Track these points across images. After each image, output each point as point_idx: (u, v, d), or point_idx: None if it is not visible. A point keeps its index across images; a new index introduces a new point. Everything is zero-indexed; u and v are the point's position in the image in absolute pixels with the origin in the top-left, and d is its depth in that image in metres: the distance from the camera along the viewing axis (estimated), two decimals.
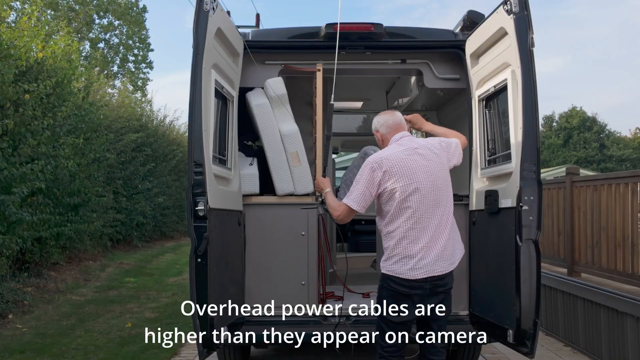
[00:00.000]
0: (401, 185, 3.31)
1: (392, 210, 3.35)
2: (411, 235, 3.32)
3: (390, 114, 3.63)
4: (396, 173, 3.33)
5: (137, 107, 17.21)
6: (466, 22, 4.43)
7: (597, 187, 6.05)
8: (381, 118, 3.62)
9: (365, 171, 3.39)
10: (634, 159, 45.36)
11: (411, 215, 3.32)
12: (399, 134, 3.53)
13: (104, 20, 31.46)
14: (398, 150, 3.42)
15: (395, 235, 3.36)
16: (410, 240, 3.32)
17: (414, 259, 3.30)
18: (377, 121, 3.65)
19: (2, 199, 6.85)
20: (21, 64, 7.83)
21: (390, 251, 3.38)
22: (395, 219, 3.35)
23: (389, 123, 3.57)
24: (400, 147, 3.44)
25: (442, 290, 3.39)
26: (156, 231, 16.50)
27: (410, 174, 3.33)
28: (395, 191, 3.32)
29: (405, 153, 3.40)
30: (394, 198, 3.33)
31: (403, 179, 3.32)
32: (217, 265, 3.58)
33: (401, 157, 3.38)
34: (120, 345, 6.01)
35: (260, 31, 4.77)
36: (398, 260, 3.34)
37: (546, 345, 6.10)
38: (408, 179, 3.32)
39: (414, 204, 3.31)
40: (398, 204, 3.32)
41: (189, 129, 3.48)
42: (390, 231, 3.38)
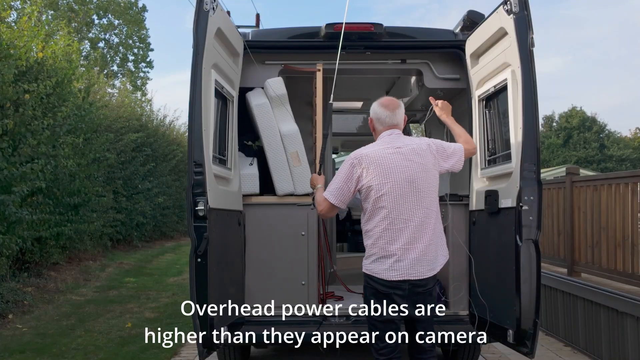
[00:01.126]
0: (376, 183, 3.25)
1: (369, 207, 3.29)
2: (387, 235, 3.24)
3: (390, 110, 3.44)
4: (373, 170, 3.27)
5: (137, 107, 17.21)
6: (466, 22, 4.43)
7: (597, 187, 6.05)
8: (379, 111, 3.46)
9: (345, 166, 3.35)
10: (633, 159, 45.34)
11: (386, 215, 3.24)
12: (389, 131, 3.43)
13: (103, 20, 31.48)
14: (380, 147, 3.36)
15: (372, 234, 3.29)
16: (386, 240, 3.25)
17: (390, 259, 3.23)
18: (374, 111, 3.50)
19: (2, 199, 6.85)
20: (21, 64, 7.83)
21: (369, 250, 3.32)
22: (372, 218, 3.29)
23: (385, 121, 3.44)
24: (384, 144, 3.37)
25: (421, 290, 3.30)
26: (156, 231, 16.49)
27: (386, 172, 3.26)
28: (371, 189, 3.26)
29: (387, 151, 3.32)
30: (370, 196, 3.28)
31: (379, 177, 3.25)
32: (217, 265, 3.58)
33: (381, 154, 3.31)
34: (120, 345, 6.01)
35: (260, 31, 4.77)
36: (375, 260, 3.27)
37: (546, 345, 6.10)
38: (383, 177, 3.25)
39: (388, 203, 3.24)
40: (373, 202, 3.27)
41: (189, 129, 3.48)
42: (368, 230, 3.33)
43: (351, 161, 3.33)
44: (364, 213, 3.37)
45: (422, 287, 3.29)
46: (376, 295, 3.29)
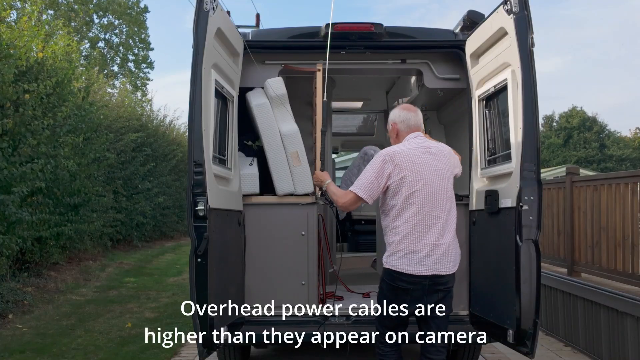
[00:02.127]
0: (410, 180, 3.38)
1: (399, 204, 3.40)
2: (417, 231, 3.38)
3: (413, 112, 3.65)
4: (406, 167, 3.40)
5: (137, 106, 17.21)
6: (466, 22, 4.43)
7: (597, 187, 6.05)
8: (403, 114, 3.64)
9: (376, 162, 3.45)
10: (633, 159, 45.35)
11: (417, 211, 3.38)
12: (414, 134, 3.61)
13: (104, 20, 31.49)
14: (411, 147, 3.51)
15: (401, 231, 3.40)
16: (416, 236, 3.37)
17: (419, 254, 3.36)
18: (398, 115, 3.66)
19: (2, 199, 6.85)
20: (21, 64, 7.83)
21: (395, 246, 3.42)
22: (402, 214, 3.41)
23: (411, 123, 3.62)
24: (414, 144, 3.53)
25: (442, 288, 3.43)
26: (156, 231, 16.49)
27: (419, 170, 3.41)
28: (404, 185, 3.38)
29: (417, 150, 3.48)
30: (401, 192, 3.39)
31: (412, 174, 3.39)
32: (217, 265, 3.58)
33: (413, 153, 3.46)
34: (120, 345, 6.01)
35: (260, 31, 4.77)
36: (403, 256, 3.39)
37: (546, 345, 6.10)
38: (417, 174, 3.39)
39: (420, 199, 3.37)
40: (405, 199, 3.39)
41: (189, 129, 3.48)
42: (396, 226, 3.43)
43: (383, 157, 3.45)
44: (389, 210, 3.47)
45: (443, 284, 3.42)
46: (395, 292, 3.42)
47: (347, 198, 3.53)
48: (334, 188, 3.74)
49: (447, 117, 5.97)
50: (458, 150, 5.57)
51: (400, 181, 3.39)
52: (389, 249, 3.48)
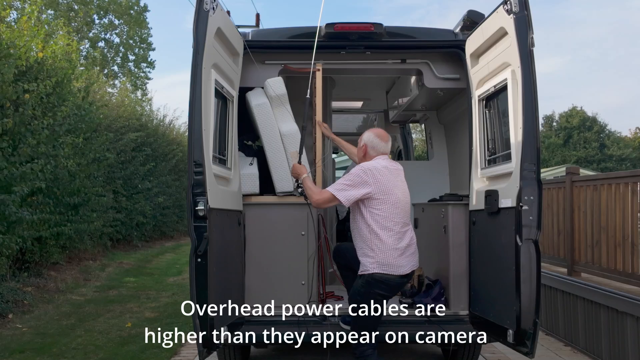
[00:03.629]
0: (384, 194, 3.82)
1: (382, 214, 3.81)
2: (399, 237, 3.84)
3: (385, 141, 4.07)
4: (381, 181, 3.83)
5: (137, 106, 17.20)
6: (466, 22, 4.43)
7: (597, 187, 6.05)
8: (376, 141, 4.05)
9: (357, 171, 3.85)
10: (633, 159, 45.33)
11: (397, 222, 3.84)
12: (384, 156, 4.07)
13: (104, 20, 31.48)
14: (385, 164, 3.96)
15: (382, 237, 3.80)
16: (398, 241, 3.83)
17: (401, 256, 3.81)
18: (371, 140, 4.06)
19: (2, 199, 6.85)
20: (21, 64, 7.83)
21: (378, 254, 3.80)
22: (386, 223, 3.82)
23: (380, 149, 4.05)
24: (385, 162, 4.00)
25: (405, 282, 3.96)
26: (156, 231, 16.49)
27: (392, 186, 3.87)
28: (379, 198, 3.80)
29: (388, 169, 3.94)
30: (383, 201, 3.81)
31: (386, 188, 3.83)
32: (217, 265, 3.58)
33: (385, 171, 3.91)
34: (120, 345, 6.01)
35: (260, 31, 4.77)
36: (390, 263, 3.79)
37: (546, 345, 6.10)
38: (390, 189, 3.85)
39: (395, 210, 3.84)
40: (381, 209, 3.81)
41: (189, 129, 3.48)
42: (378, 234, 3.81)
43: (362, 169, 3.86)
44: (371, 221, 3.83)
45: (408, 280, 3.95)
46: (382, 296, 3.79)
47: (322, 196, 3.88)
48: (310, 183, 4.02)
49: (447, 117, 5.97)
50: (458, 150, 5.62)
51: (381, 193, 3.81)
52: (373, 257, 3.81)
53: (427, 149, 6.62)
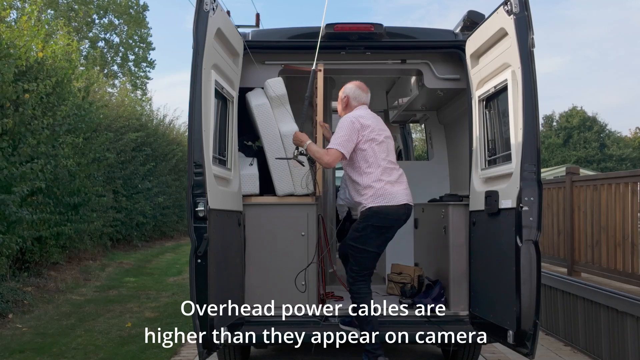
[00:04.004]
0: (374, 135, 4.05)
1: (370, 152, 4.02)
2: (387, 172, 4.05)
3: (365, 92, 4.28)
4: (370, 126, 4.06)
5: (137, 106, 17.19)
6: (466, 22, 4.43)
7: (597, 187, 6.05)
8: (358, 92, 4.25)
9: (345, 124, 4.05)
10: (633, 159, 45.33)
11: (384, 158, 4.07)
12: (364, 106, 4.25)
13: (104, 19, 31.47)
14: (367, 112, 4.20)
15: (374, 174, 4.02)
16: (387, 175, 4.05)
17: (393, 187, 4.04)
18: (353, 91, 4.26)
19: (2, 199, 6.84)
20: (21, 64, 7.82)
21: (372, 190, 4.01)
22: (373, 162, 4.03)
23: (361, 99, 4.26)
24: (366, 111, 4.21)
25: (406, 219, 4.14)
26: (156, 231, 16.48)
27: (379, 129, 4.12)
28: (371, 138, 4.02)
29: (372, 114, 4.21)
30: (368, 144, 4.02)
31: (375, 131, 4.07)
32: (217, 265, 3.58)
33: (370, 116, 4.15)
34: (120, 344, 6.01)
35: (260, 31, 4.77)
36: (381, 194, 4.00)
37: (546, 345, 6.10)
38: (378, 132, 4.09)
39: (383, 149, 4.07)
40: (372, 149, 4.02)
41: (189, 130, 3.48)
42: (371, 172, 4.03)
43: (350, 119, 4.06)
44: (361, 162, 4.05)
45: (409, 213, 4.14)
46: (379, 229, 3.99)
47: (331, 156, 3.99)
48: (315, 147, 4.12)
49: (447, 117, 5.97)
50: (458, 150, 5.62)
51: (369, 136, 4.02)
52: (367, 193, 4.02)
53: (427, 149, 6.63)
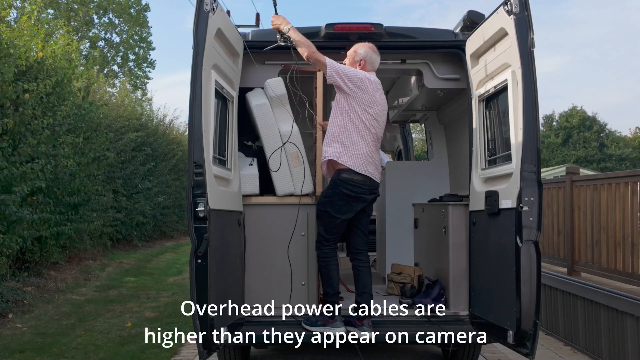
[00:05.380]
0: (370, 104, 4.08)
1: (362, 119, 4.08)
2: (365, 142, 4.11)
3: (378, 54, 4.26)
4: (372, 92, 4.12)
5: (137, 106, 17.20)
6: (466, 22, 4.43)
7: (597, 187, 6.05)
8: (374, 56, 4.24)
9: (357, 71, 4.12)
10: (633, 158, 45.32)
11: (370, 132, 4.11)
12: (374, 73, 4.27)
13: (104, 19, 31.46)
14: (377, 80, 4.24)
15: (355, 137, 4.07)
16: (365, 144, 4.11)
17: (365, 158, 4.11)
18: (370, 55, 4.22)
19: (2, 199, 6.84)
20: (21, 64, 7.82)
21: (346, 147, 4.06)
22: (361, 126, 4.07)
23: (375, 65, 4.28)
24: (376, 78, 4.23)
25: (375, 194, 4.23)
26: (156, 231, 16.48)
27: (375, 101, 4.14)
28: (366, 104, 4.06)
29: (379, 87, 4.23)
30: (365, 108, 4.07)
31: (373, 99, 4.11)
32: (217, 266, 3.58)
33: (378, 85, 4.22)
34: (120, 344, 6.01)
35: (260, 31, 4.77)
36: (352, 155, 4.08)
37: (546, 345, 6.10)
38: (374, 102, 4.12)
39: (371, 122, 4.11)
40: (365, 117, 4.07)
41: (189, 130, 3.48)
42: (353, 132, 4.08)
43: (363, 74, 4.12)
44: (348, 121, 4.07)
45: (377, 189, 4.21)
46: (348, 196, 4.07)
47: (315, 54, 4.01)
48: (298, 34, 4.07)
49: (447, 117, 5.97)
50: (458, 150, 5.62)
51: (365, 99, 4.05)
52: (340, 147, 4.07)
53: (427, 149, 6.63)
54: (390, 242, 5.86)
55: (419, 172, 6.05)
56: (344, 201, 4.08)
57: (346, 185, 4.06)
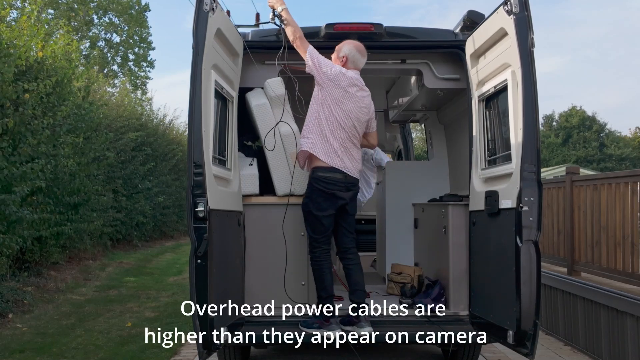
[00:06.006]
0: (338, 103, 4.06)
1: (330, 118, 4.07)
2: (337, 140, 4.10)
3: (363, 55, 4.21)
4: (344, 90, 4.07)
5: (137, 106, 17.20)
6: (466, 22, 4.43)
7: (597, 187, 6.05)
8: (357, 56, 4.19)
9: (336, 66, 4.11)
10: (633, 158, 45.32)
11: (341, 134, 4.09)
12: (356, 71, 4.21)
13: (104, 19, 31.47)
14: (356, 81, 4.16)
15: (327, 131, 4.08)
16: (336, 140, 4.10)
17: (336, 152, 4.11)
18: (353, 54, 4.18)
19: (2, 198, 6.84)
20: (21, 64, 7.82)
21: (314, 135, 4.10)
22: (330, 125, 4.08)
23: (359, 64, 4.22)
24: (356, 76, 4.18)
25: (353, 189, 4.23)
26: (156, 230, 16.48)
27: (345, 101, 4.09)
28: (334, 102, 4.05)
29: (354, 90, 4.13)
30: (333, 107, 4.06)
31: (343, 99, 4.08)
32: (217, 266, 3.58)
33: (357, 87, 4.15)
34: (120, 344, 6.01)
35: (260, 31, 4.77)
36: (321, 146, 4.11)
37: (546, 345, 6.10)
38: (342, 101, 4.08)
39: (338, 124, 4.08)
40: (332, 117, 4.06)
41: (189, 130, 3.48)
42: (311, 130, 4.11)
43: (340, 69, 4.10)
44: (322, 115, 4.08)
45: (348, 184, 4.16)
46: (324, 192, 4.08)
47: (300, 39, 4.10)
48: (289, 16, 4.12)
49: (447, 117, 5.97)
50: (458, 150, 5.62)
51: (335, 96, 4.04)
52: (311, 137, 4.10)
53: (427, 149, 6.62)
54: (390, 242, 5.86)
55: (419, 172, 6.04)
56: (322, 198, 4.09)
57: (320, 183, 4.08)
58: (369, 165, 7.04)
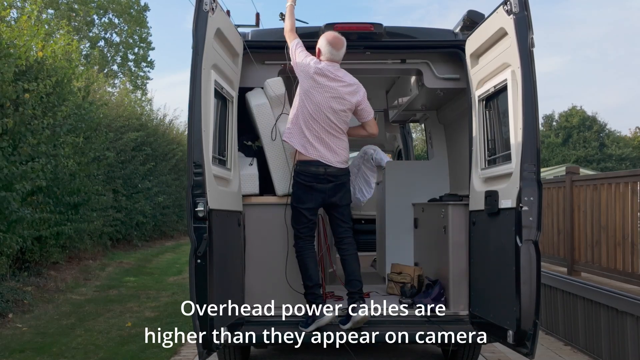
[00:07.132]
0: (307, 94, 4.08)
1: (305, 109, 4.10)
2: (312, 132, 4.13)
3: (338, 48, 4.16)
4: (315, 83, 4.08)
5: (137, 105, 17.20)
6: (466, 22, 4.43)
7: (597, 187, 6.05)
8: (328, 48, 4.15)
9: (311, 58, 4.14)
10: (633, 158, 45.30)
11: (310, 118, 4.10)
12: (332, 64, 4.17)
13: (104, 19, 31.48)
14: (329, 73, 4.12)
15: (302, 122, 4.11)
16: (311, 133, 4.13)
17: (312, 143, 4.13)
18: (323, 46, 4.16)
19: (3, 196, 6.84)
20: (21, 63, 7.82)
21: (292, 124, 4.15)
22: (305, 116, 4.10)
23: (331, 57, 4.17)
24: (332, 68, 4.15)
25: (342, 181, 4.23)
26: (156, 230, 16.48)
27: (315, 93, 4.10)
28: (305, 93, 4.08)
29: (323, 72, 4.11)
30: (305, 98, 4.09)
31: (314, 91, 4.08)
32: (217, 266, 3.58)
33: (328, 73, 4.11)
34: (120, 344, 6.01)
35: (260, 31, 4.77)
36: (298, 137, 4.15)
37: (546, 345, 6.10)
38: (314, 93, 4.09)
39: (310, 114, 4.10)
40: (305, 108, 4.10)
41: (189, 130, 3.48)
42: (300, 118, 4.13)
43: (315, 61, 4.13)
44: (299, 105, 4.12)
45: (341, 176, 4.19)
46: (308, 184, 4.11)
47: (290, 32, 4.23)
48: (289, 12, 4.26)
49: (447, 117, 5.97)
50: (458, 150, 5.62)
51: (306, 86, 4.07)
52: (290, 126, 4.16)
53: (427, 149, 6.62)
54: (390, 242, 5.86)
55: (419, 172, 6.05)
56: (301, 191, 4.15)
57: (300, 176, 4.14)
58: (368, 165, 7.04)
